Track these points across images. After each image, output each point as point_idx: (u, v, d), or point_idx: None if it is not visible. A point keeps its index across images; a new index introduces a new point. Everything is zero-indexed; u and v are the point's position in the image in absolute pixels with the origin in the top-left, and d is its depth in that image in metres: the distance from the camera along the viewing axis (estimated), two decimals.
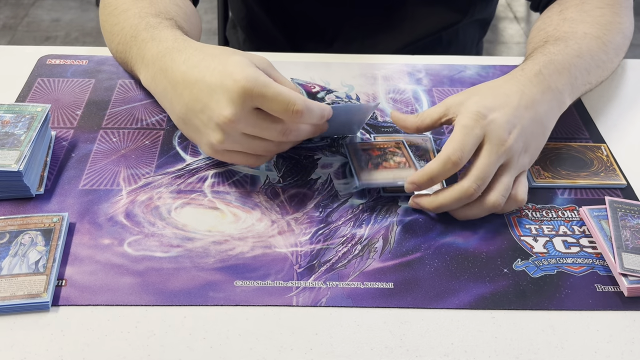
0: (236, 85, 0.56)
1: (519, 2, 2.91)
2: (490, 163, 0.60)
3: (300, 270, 0.58)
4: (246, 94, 0.56)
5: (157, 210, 0.63)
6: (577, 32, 0.74)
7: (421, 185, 0.61)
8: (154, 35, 0.67)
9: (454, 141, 0.60)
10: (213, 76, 0.58)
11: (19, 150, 0.62)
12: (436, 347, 0.52)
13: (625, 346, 0.52)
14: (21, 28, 2.64)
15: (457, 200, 0.60)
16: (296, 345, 0.52)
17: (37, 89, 0.78)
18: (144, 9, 0.72)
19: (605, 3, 0.79)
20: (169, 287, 0.56)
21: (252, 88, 0.56)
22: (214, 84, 0.58)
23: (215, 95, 0.58)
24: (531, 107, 0.64)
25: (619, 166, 0.69)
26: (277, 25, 1.02)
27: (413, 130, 0.67)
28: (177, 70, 0.61)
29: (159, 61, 0.64)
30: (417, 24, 0.97)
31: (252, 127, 0.58)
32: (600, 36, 0.75)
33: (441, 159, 0.60)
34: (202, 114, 0.59)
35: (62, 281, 0.55)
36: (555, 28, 0.76)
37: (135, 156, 0.69)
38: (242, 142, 0.60)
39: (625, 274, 0.56)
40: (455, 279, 0.57)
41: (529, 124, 0.63)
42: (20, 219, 0.59)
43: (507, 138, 0.61)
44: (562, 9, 0.80)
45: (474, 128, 0.60)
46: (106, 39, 0.79)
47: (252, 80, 0.56)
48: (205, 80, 0.59)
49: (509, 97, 0.64)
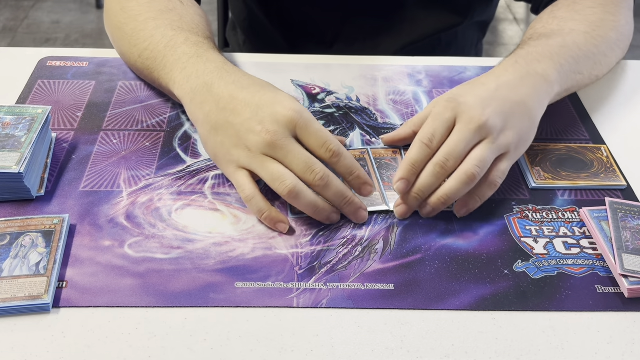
0: (285, 112, 0.60)
1: (518, 4, 2.92)
2: (460, 139, 0.61)
3: (301, 271, 0.58)
4: (292, 121, 0.60)
5: (158, 212, 0.63)
6: (564, 28, 0.75)
7: (409, 176, 0.61)
8: (199, 52, 0.69)
9: (425, 125, 0.63)
10: (263, 99, 0.62)
11: (20, 152, 0.62)
12: (437, 349, 0.52)
13: (626, 347, 0.52)
14: (21, 30, 2.64)
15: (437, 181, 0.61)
16: (297, 347, 0.52)
17: (37, 91, 0.78)
18: (175, 22, 0.74)
19: (598, 3, 0.79)
20: (170, 289, 0.56)
21: (299, 118, 0.60)
22: (264, 105, 0.61)
23: (261, 114, 0.61)
24: (508, 89, 0.65)
25: (619, 167, 0.70)
26: (277, 27, 1.02)
27: (410, 137, 0.67)
28: (224, 87, 0.64)
29: (205, 76, 0.66)
30: (417, 26, 0.97)
31: (285, 151, 0.59)
32: (589, 31, 0.75)
33: (415, 143, 0.62)
34: (241, 126, 0.61)
35: (63, 283, 0.55)
36: (543, 26, 0.77)
37: (136, 158, 0.69)
38: (265, 163, 0.60)
39: (625, 275, 0.56)
40: (456, 280, 0.57)
41: (507, 103, 0.64)
42: (21, 221, 0.59)
43: (481, 115, 0.61)
44: (554, 9, 0.81)
45: (444, 113, 0.62)
46: (121, 41, 0.78)
47: (300, 112, 0.61)
48: (254, 101, 0.62)
49: (484, 84, 0.66)
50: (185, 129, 0.73)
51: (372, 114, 0.77)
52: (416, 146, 0.62)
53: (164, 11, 0.75)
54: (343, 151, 0.61)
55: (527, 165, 0.69)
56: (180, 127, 0.73)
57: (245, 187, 0.61)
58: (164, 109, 0.76)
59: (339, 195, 0.61)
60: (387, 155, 0.70)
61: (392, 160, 0.69)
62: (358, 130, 0.74)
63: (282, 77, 0.82)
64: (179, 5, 0.77)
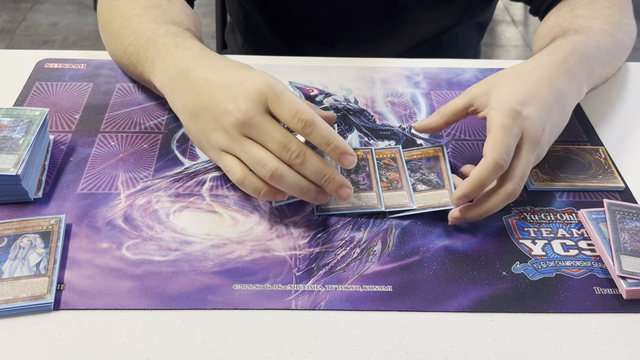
0: (255, 86, 0.58)
1: (516, 6, 2.92)
2: (529, 162, 0.60)
3: (299, 273, 0.58)
4: (262, 94, 0.58)
5: (156, 214, 0.63)
6: (593, 26, 0.76)
7: (472, 195, 0.60)
8: (177, 42, 0.68)
9: (498, 144, 0.59)
10: (235, 78, 0.60)
11: (17, 154, 0.62)
12: (435, 350, 0.52)
13: (624, 348, 0.52)
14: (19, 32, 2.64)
15: (503, 204, 0.60)
16: (295, 349, 0.51)
17: (35, 93, 0.78)
18: (159, 16, 0.73)
19: (613, 4, 0.80)
20: (168, 291, 0.55)
21: (269, 90, 0.58)
22: (234, 82, 0.59)
23: (233, 92, 0.59)
24: (560, 98, 0.65)
25: (617, 169, 0.70)
26: (276, 30, 1.02)
27: (442, 127, 0.66)
28: (199, 72, 0.62)
29: (182, 64, 0.65)
30: (417, 28, 0.97)
31: (258, 129, 0.58)
32: (613, 34, 0.77)
33: (490, 164, 0.58)
34: (216, 108, 0.59)
35: (60, 285, 0.55)
36: (570, 23, 0.78)
37: (134, 160, 0.69)
38: (244, 146, 0.58)
39: (623, 276, 0.56)
40: (454, 282, 0.57)
41: (558, 117, 0.64)
42: (18, 223, 0.59)
43: (542, 134, 0.61)
44: (572, 7, 0.81)
45: (512, 127, 0.60)
46: (109, 39, 0.79)
47: (270, 85, 0.58)
48: (226, 80, 0.60)
49: (539, 88, 0.64)
50: (183, 130, 0.73)
51: (370, 116, 0.77)
52: (491, 167, 0.58)
53: (149, 7, 0.75)
54: (317, 120, 0.57)
55: None
56: (178, 129, 0.73)
57: (234, 169, 0.59)
58: (162, 111, 0.76)
59: (318, 172, 0.58)
60: (386, 155, 0.70)
61: (391, 160, 0.69)
62: (356, 131, 0.74)
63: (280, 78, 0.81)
64: (166, 2, 0.77)
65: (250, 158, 0.58)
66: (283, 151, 0.57)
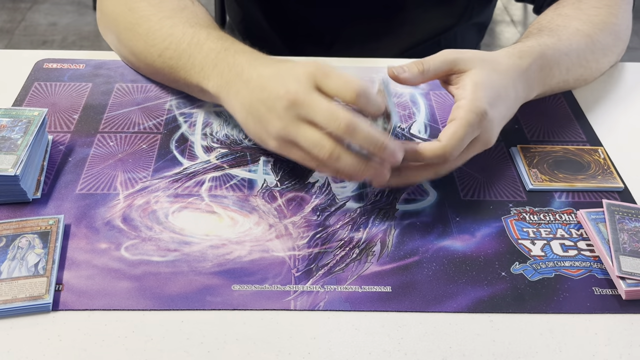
0: (303, 68, 0.60)
1: (515, 6, 2.92)
2: (468, 158, 0.64)
3: (298, 274, 0.57)
4: (311, 74, 0.59)
5: (154, 215, 0.63)
6: (570, 26, 0.76)
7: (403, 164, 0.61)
8: (225, 45, 0.69)
9: (457, 138, 0.60)
10: (285, 67, 0.62)
11: (16, 155, 0.61)
12: (434, 351, 0.52)
13: (624, 349, 0.52)
14: (18, 32, 2.64)
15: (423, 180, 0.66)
16: (294, 350, 0.51)
17: (34, 93, 0.78)
18: (192, 19, 0.74)
19: (603, 3, 0.80)
20: (167, 292, 0.55)
21: (316, 69, 0.59)
22: (284, 70, 0.61)
23: (283, 78, 0.60)
24: (515, 102, 0.68)
25: (616, 169, 0.70)
26: (274, 29, 1.02)
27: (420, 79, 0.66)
28: (253, 70, 0.64)
29: (236, 67, 0.66)
30: (416, 28, 0.97)
31: (307, 106, 0.58)
32: (591, 35, 0.77)
33: (439, 150, 0.60)
34: (268, 97, 0.60)
35: (59, 286, 0.55)
36: (549, 21, 0.79)
37: (133, 160, 0.69)
38: (300, 129, 0.58)
39: (623, 277, 0.56)
40: (453, 282, 0.57)
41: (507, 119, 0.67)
42: (16, 223, 0.59)
43: (494, 137, 0.65)
44: (558, 6, 0.82)
45: (476, 127, 0.62)
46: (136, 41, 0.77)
47: (318, 64, 0.60)
48: (277, 71, 0.62)
49: (506, 90, 0.66)
50: (182, 131, 0.73)
51: None
52: (439, 154, 0.60)
53: (177, 10, 0.76)
54: (366, 89, 0.58)
55: (524, 167, 0.69)
56: (177, 129, 0.73)
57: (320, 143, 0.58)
58: (161, 111, 0.76)
59: (370, 139, 0.57)
60: None
61: None
62: None
63: None
64: (190, 3, 0.78)
65: (307, 140, 0.58)
66: (332, 121, 0.57)
